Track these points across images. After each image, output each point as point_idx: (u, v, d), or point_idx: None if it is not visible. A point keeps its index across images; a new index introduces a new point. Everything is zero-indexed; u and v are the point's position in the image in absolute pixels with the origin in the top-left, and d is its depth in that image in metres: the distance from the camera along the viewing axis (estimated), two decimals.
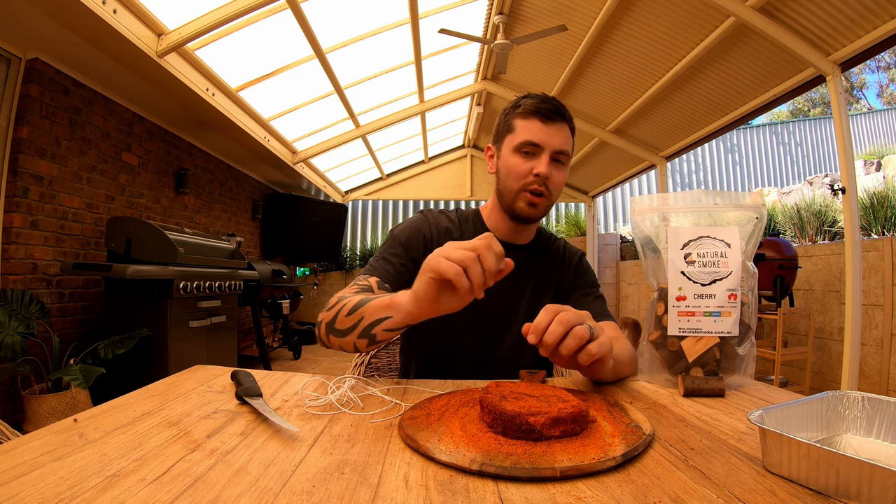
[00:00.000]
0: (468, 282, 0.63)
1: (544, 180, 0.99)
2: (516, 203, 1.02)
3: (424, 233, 1.07)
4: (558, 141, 0.99)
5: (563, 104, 1.03)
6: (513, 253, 1.08)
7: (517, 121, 1.02)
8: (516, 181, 1.01)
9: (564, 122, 1.01)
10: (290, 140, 4.90)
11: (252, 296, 4.34)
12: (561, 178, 1.02)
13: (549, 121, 0.99)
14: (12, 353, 2.24)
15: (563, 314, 0.64)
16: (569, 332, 0.63)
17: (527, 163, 1.00)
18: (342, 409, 0.64)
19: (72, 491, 0.40)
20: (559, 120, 1.00)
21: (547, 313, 0.64)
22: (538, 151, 0.99)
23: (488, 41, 3.77)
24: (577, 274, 1.13)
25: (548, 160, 0.98)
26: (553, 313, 0.64)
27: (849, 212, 2.82)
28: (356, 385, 0.74)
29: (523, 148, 1.00)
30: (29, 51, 2.66)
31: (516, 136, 1.01)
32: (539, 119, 0.99)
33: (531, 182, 0.99)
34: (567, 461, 0.46)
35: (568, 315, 0.64)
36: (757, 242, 0.78)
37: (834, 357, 3.38)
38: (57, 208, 2.86)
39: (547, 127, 0.99)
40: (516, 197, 1.02)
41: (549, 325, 0.63)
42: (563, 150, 1.00)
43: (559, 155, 1.00)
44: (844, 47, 2.84)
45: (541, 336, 0.63)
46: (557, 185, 1.01)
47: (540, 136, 0.99)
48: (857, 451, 0.50)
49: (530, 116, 1.00)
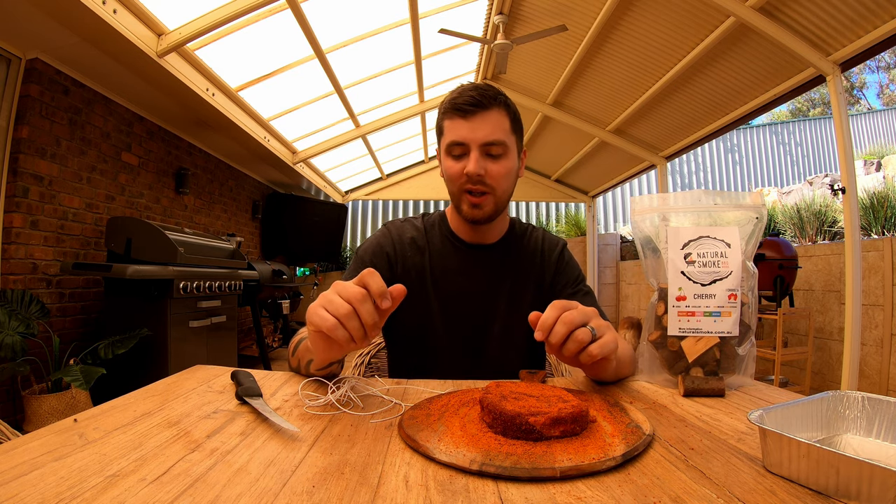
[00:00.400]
0: (347, 333, 0.59)
1: (478, 178, 0.93)
2: (461, 206, 0.98)
3: (388, 250, 1.05)
4: (483, 133, 0.92)
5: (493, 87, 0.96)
6: (480, 254, 1.06)
7: (445, 122, 0.97)
8: (454, 184, 0.97)
9: (491, 108, 0.94)
10: (290, 140, 4.90)
11: (252, 296, 4.34)
12: (501, 169, 0.95)
13: (469, 114, 0.93)
14: (12, 353, 2.24)
15: (568, 314, 0.63)
16: (571, 333, 0.62)
17: (458, 163, 0.95)
18: (342, 409, 0.64)
19: (72, 491, 0.40)
20: (482, 109, 0.93)
21: (553, 310, 0.64)
22: (466, 149, 0.94)
23: (488, 41, 3.77)
24: (558, 269, 1.07)
25: (477, 156, 0.92)
26: (559, 311, 0.64)
27: (849, 212, 2.82)
28: (356, 385, 0.74)
29: (452, 151, 0.95)
30: (29, 51, 2.66)
31: (445, 137, 0.97)
32: (459, 116, 0.94)
33: (465, 182, 0.94)
34: (567, 461, 0.46)
35: (572, 315, 0.63)
36: (757, 242, 0.78)
37: (834, 357, 3.38)
38: (57, 208, 2.86)
39: (469, 122, 0.93)
40: (459, 199, 0.97)
41: (554, 322, 0.63)
42: (491, 140, 0.93)
43: (490, 147, 0.93)
44: (844, 47, 2.84)
45: (546, 334, 0.63)
46: (499, 178, 0.95)
47: (462, 132, 0.93)
48: (857, 451, 0.50)
49: (452, 115, 0.95)
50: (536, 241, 1.10)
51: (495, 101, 0.94)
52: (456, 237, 1.07)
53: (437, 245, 1.07)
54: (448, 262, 1.05)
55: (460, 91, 0.95)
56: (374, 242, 1.07)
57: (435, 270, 1.04)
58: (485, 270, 1.04)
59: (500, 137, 0.94)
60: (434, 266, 1.04)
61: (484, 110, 0.93)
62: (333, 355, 0.68)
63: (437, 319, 1.02)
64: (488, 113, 0.93)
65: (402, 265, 1.05)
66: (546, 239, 1.11)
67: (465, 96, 0.93)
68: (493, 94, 0.94)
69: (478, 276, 1.04)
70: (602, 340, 0.64)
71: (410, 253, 1.06)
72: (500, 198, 0.97)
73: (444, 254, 1.06)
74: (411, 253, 1.06)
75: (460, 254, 1.06)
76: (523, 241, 1.09)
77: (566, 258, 1.09)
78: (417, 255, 1.05)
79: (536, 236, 1.11)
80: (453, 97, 0.95)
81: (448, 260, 1.05)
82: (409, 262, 1.05)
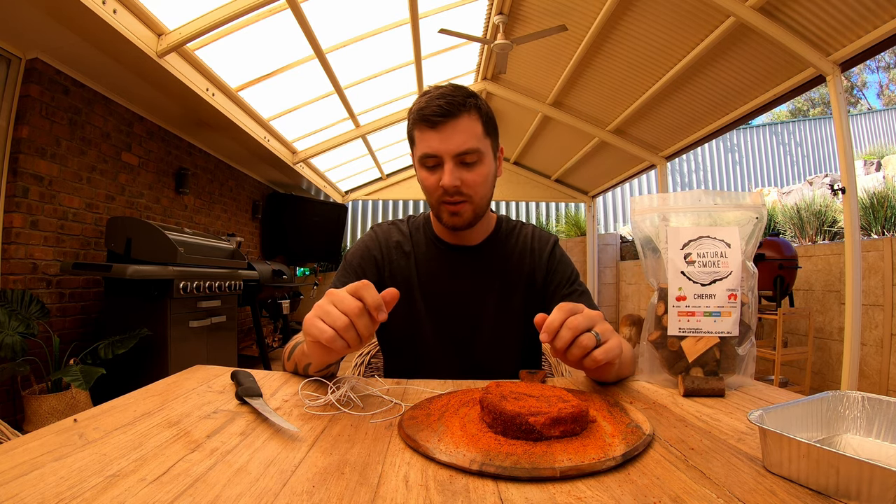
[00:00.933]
0: (344, 342, 0.62)
1: (454, 189, 0.91)
2: (441, 215, 0.96)
3: (375, 254, 1.05)
4: (455, 143, 0.89)
5: (461, 88, 0.91)
6: (464, 256, 1.04)
7: (415, 132, 0.94)
8: (430, 196, 0.95)
9: (461, 115, 0.89)
10: (290, 140, 4.90)
11: (252, 296, 4.34)
12: (477, 177, 0.92)
13: (438, 125, 0.89)
14: (12, 353, 2.24)
15: (573, 319, 0.63)
16: (576, 339, 0.63)
17: (432, 175, 0.93)
18: (342, 409, 0.64)
19: (72, 491, 0.40)
20: (452, 118, 0.89)
21: (560, 313, 0.64)
22: (439, 161, 0.91)
23: (488, 41, 3.77)
24: (550, 268, 1.04)
25: (452, 167, 0.90)
26: (566, 314, 0.64)
27: (849, 212, 2.82)
28: (356, 385, 0.74)
29: (425, 162, 0.93)
30: (29, 51, 2.66)
31: (417, 148, 0.94)
32: (428, 126, 0.90)
33: (442, 194, 0.92)
34: (567, 461, 0.46)
35: (578, 320, 0.63)
36: (757, 242, 0.78)
37: (834, 357, 3.38)
38: (57, 208, 2.86)
39: (439, 132, 0.89)
40: (438, 209, 0.96)
41: (560, 325, 0.63)
42: (465, 150, 0.90)
43: (464, 156, 0.90)
44: (844, 47, 2.84)
45: (552, 337, 0.63)
46: (475, 186, 0.93)
47: (433, 144, 0.90)
48: (857, 451, 0.50)
49: (421, 126, 0.91)
50: (525, 239, 1.07)
51: (464, 106, 0.90)
52: (440, 240, 1.06)
53: (422, 248, 1.06)
54: (433, 265, 1.04)
55: (427, 100, 0.90)
56: (361, 247, 1.06)
57: (421, 275, 1.03)
58: (470, 272, 1.03)
59: (473, 145, 0.90)
60: (420, 270, 1.04)
61: (454, 118, 0.89)
62: (330, 360, 0.72)
63: (425, 323, 1.02)
64: (458, 121, 0.89)
65: (389, 270, 1.04)
66: (536, 236, 1.08)
67: (432, 106, 0.89)
68: (461, 99, 0.90)
69: (463, 278, 1.03)
70: (606, 346, 0.64)
71: (396, 257, 1.05)
72: (478, 204, 0.95)
73: (430, 257, 1.05)
74: (397, 257, 1.05)
75: (445, 256, 1.04)
76: (511, 241, 1.07)
77: (558, 256, 1.06)
78: (403, 259, 1.05)
79: (525, 234, 1.08)
80: (420, 107, 0.91)
81: (433, 263, 1.04)
82: (395, 266, 1.04)
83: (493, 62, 4.42)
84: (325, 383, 0.74)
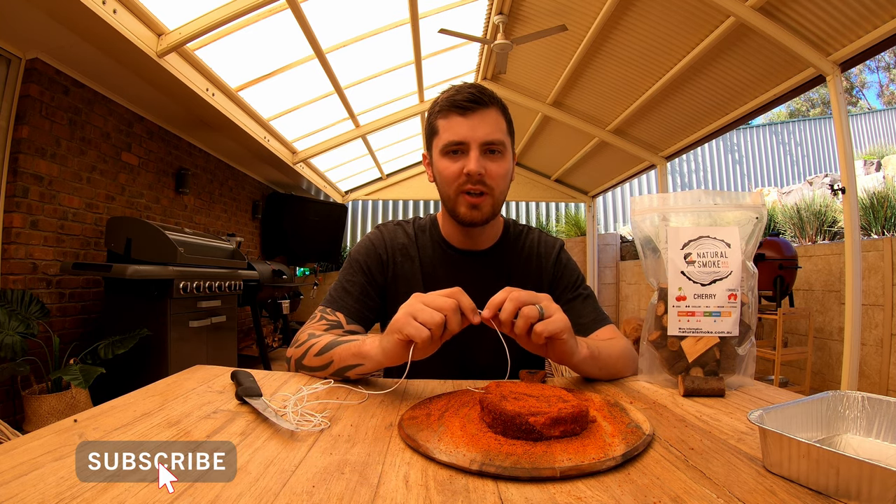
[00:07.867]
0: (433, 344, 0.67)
1: (479, 177, 0.90)
2: (457, 208, 0.94)
3: (381, 253, 1.04)
4: (484, 131, 0.90)
5: (487, 88, 0.94)
6: (473, 261, 1.03)
7: (438, 121, 0.94)
8: (450, 185, 0.93)
9: (489, 107, 0.91)
10: (290, 140, 4.90)
11: (252, 296, 4.34)
12: (500, 169, 0.92)
13: (468, 112, 0.90)
14: (12, 353, 2.24)
15: (516, 292, 0.67)
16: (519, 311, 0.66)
17: (456, 163, 0.92)
18: (342, 408, 0.64)
19: (72, 491, 0.40)
20: (481, 107, 0.90)
21: (503, 291, 0.68)
22: (465, 148, 0.91)
23: (488, 41, 3.77)
24: (556, 274, 1.04)
25: (478, 155, 0.90)
26: (508, 292, 0.67)
27: (849, 212, 2.82)
28: (356, 385, 0.74)
29: (449, 149, 0.92)
30: (29, 51, 2.66)
31: (441, 137, 0.93)
32: (457, 113, 0.90)
33: (464, 182, 0.91)
34: (567, 461, 0.46)
35: (520, 293, 0.66)
36: (757, 242, 0.78)
37: (834, 357, 3.38)
38: (57, 208, 2.86)
39: (468, 119, 0.90)
40: (456, 202, 0.94)
41: (503, 302, 0.66)
42: (492, 139, 0.90)
43: (490, 146, 0.91)
44: (844, 47, 2.84)
45: (494, 312, 0.66)
46: (498, 178, 0.92)
47: (462, 131, 0.90)
48: (857, 451, 0.50)
49: (449, 113, 0.91)
50: (532, 244, 1.07)
51: (493, 100, 0.92)
52: (447, 244, 1.04)
53: (427, 252, 1.04)
54: (439, 270, 1.03)
55: (458, 89, 0.92)
56: (367, 244, 1.05)
57: (426, 279, 1.02)
58: (478, 278, 1.02)
59: (500, 137, 0.92)
60: (425, 274, 1.03)
61: (484, 108, 0.91)
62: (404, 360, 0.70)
63: None
64: (487, 111, 0.91)
65: (393, 270, 1.03)
66: (542, 241, 1.08)
67: (463, 93, 0.90)
68: (490, 93, 0.93)
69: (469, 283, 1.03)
70: (550, 319, 0.66)
71: (401, 259, 1.04)
72: (497, 199, 0.95)
73: (435, 261, 1.03)
74: (402, 259, 1.04)
75: (452, 261, 1.03)
76: (518, 246, 1.06)
77: (564, 261, 1.06)
78: (408, 262, 1.04)
79: (532, 239, 1.08)
80: (451, 95, 0.92)
81: (439, 268, 1.03)
82: (399, 268, 1.03)
83: (493, 62, 4.42)
84: (324, 383, 0.74)
